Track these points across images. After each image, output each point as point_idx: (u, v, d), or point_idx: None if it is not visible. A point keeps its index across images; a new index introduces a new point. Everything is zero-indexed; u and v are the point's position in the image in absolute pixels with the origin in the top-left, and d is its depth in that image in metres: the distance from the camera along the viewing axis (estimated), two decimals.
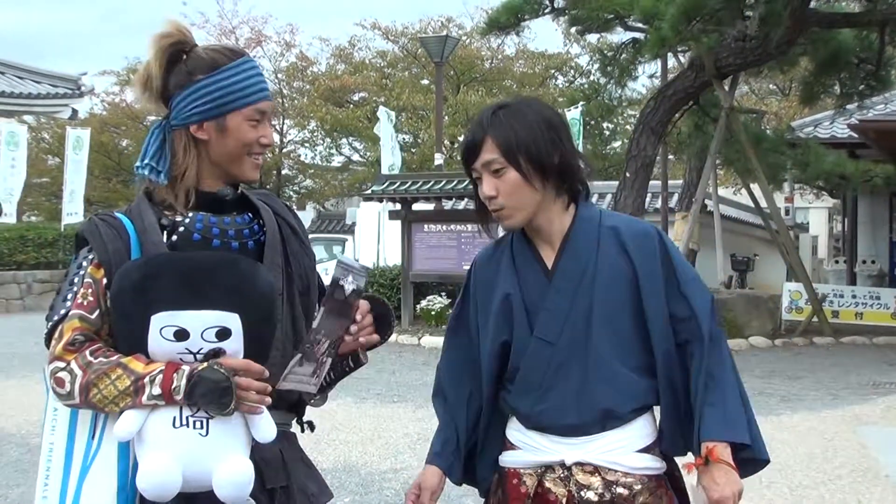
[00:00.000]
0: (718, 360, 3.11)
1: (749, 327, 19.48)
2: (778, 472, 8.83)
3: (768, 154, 21.56)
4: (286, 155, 46.79)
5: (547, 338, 3.14)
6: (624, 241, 3.15)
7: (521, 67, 45.70)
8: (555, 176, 3.12)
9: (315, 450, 9.18)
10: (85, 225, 2.87)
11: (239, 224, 2.94)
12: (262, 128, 2.92)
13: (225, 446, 2.66)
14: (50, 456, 2.78)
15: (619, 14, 19.00)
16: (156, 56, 2.87)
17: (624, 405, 3.13)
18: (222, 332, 2.67)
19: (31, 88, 29.84)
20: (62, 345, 2.70)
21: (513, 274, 3.23)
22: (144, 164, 2.86)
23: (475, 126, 3.17)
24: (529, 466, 3.22)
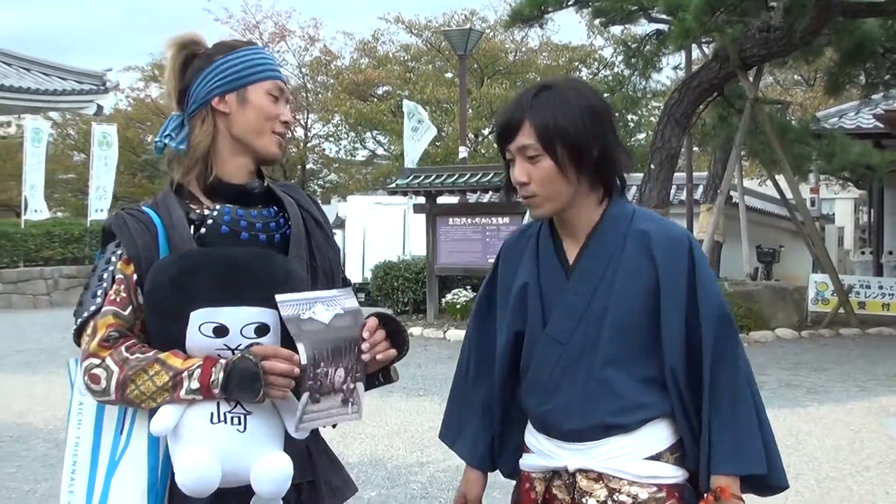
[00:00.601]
0: (730, 378, 2.96)
1: (775, 319, 19.40)
2: (805, 464, 8.82)
3: (793, 145, 21.47)
4: (310, 149, 46.84)
5: (558, 337, 3.03)
6: (652, 246, 2.98)
7: (545, 60, 45.58)
8: (592, 169, 2.96)
9: (341, 444, 9.20)
10: (112, 219, 2.87)
11: (265, 217, 2.94)
12: (280, 105, 2.96)
13: (262, 442, 2.67)
14: (76, 451, 2.78)
15: (642, 5, 18.95)
16: (171, 58, 2.97)
17: (626, 417, 2.98)
18: (261, 328, 2.70)
19: (57, 85, 29.92)
20: (97, 341, 2.70)
21: (534, 264, 3.12)
22: (164, 136, 2.93)
23: (514, 105, 3.00)
24: (539, 471, 3.15)
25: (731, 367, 2.96)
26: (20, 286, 27.07)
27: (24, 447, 9.65)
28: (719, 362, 2.94)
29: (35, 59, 30.93)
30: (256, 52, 2.97)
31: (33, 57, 30.96)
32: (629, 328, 2.97)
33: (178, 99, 2.97)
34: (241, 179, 2.95)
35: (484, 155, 41.58)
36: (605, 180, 3.03)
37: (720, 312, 2.97)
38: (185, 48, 2.96)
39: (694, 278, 2.96)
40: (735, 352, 2.99)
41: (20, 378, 13.95)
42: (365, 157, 48.61)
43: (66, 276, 28.04)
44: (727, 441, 2.92)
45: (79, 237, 29.43)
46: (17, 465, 8.95)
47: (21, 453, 9.40)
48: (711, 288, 2.99)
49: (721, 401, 2.94)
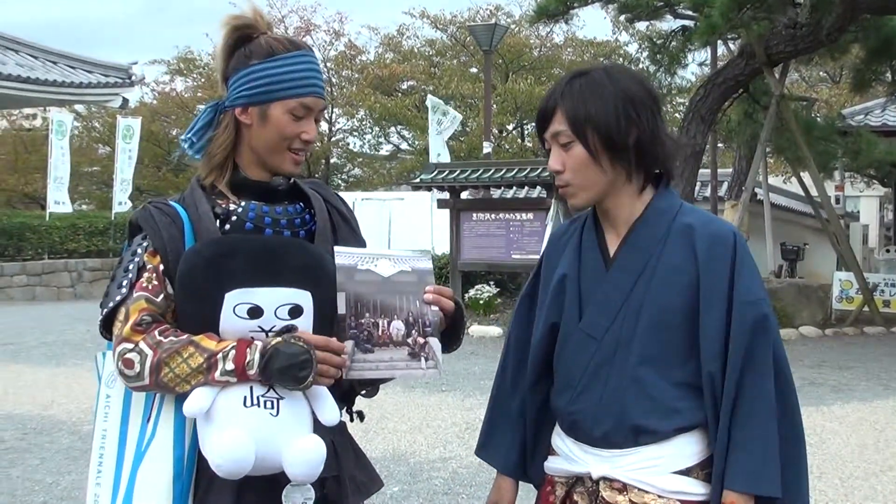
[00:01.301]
0: (758, 389, 2.79)
1: (799, 317, 19.34)
2: (829, 463, 8.79)
3: (819, 142, 21.40)
4: (335, 143, 46.89)
5: (592, 332, 2.91)
6: (695, 241, 2.85)
7: (570, 55, 45.51)
8: (628, 156, 2.87)
9: (364, 439, 9.21)
10: (139, 212, 2.89)
11: (291, 213, 2.95)
12: (305, 123, 2.90)
13: (294, 427, 2.67)
14: (103, 443, 2.79)
15: (668, 2, 18.92)
16: (224, 38, 2.91)
17: (660, 422, 2.84)
18: (295, 309, 2.70)
19: (83, 77, 30.02)
20: (129, 325, 2.70)
21: (576, 255, 3.02)
22: (187, 137, 2.92)
23: (550, 93, 2.96)
24: (563, 475, 3.04)
25: (760, 377, 2.80)
26: (45, 278, 27.22)
27: (47, 439, 9.69)
28: (749, 370, 2.79)
29: (61, 51, 31.05)
30: (294, 63, 2.88)
31: (59, 50, 31.08)
32: (666, 326, 2.85)
33: (223, 79, 2.94)
34: (266, 178, 2.95)
35: (508, 150, 41.58)
36: (645, 169, 2.95)
37: (756, 314, 2.81)
38: (237, 30, 2.91)
39: (734, 279, 2.82)
40: (767, 360, 2.81)
41: (44, 370, 14.00)
42: (389, 151, 48.68)
43: (91, 268, 28.18)
44: (744, 456, 2.77)
45: (103, 230, 29.58)
46: (41, 457, 8.98)
47: (45, 445, 9.43)
48: (750, 287, 2.83)
49: (744, 412, 2.78)
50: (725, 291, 2.81)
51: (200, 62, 44.54)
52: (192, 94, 45.79)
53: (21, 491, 7.97)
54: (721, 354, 2.80)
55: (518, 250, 19.33)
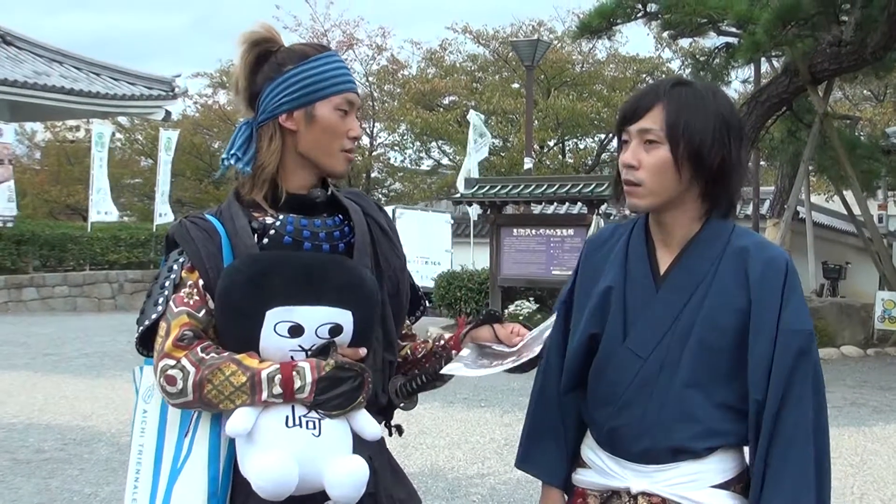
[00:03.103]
0: (796, 422, 2.78)
1: (841, 336, 19.21)
2: (871, 484, 8.71)
3: (862, 161, 21.27)
4: (376, 158, 46.99)
5: (638, 351, 2.89)
6: (748, 266, 2.84)
7: (612, 72, 45.46)
8: (706, 176, 2.85)
9: (402, 454, 9.19)
10: (175, 227, 2.86)
11: (329, 226, 2.91)
12: (350, 119, 2.90)
13: (335, 447, 2.65)
14: (139, 458, 2.78)
15: (712, 18, 18.81)
16: (243, 55, 2.89)
17: (698, 442, 2.85)
18: (335, 328, 2.69)
19: (126, 90, 30.28)
20: (171, 341, 2.68)
21: (621, 267, 2.98)
22: (231, 153, 2.87)
23: (649, 90, 2.92)
24: (596, 489, 3.02)
25: (799, 406, 2.80)
26: (86, 289, 27.37)
27: (87, 450, 9.72)
28: (789, 398, 2.79)
29: (105, 63, 31.34)
30: (328, 62, 2.89)
31: (103, 62, 31.38)
32: (715, 349, 2.84)
33: (247, 100, 2.93)
34: (305, 190, 2.92)
35: (549, 166, 41.54)
36: (716, 194, 2.91)
37: (801, 344, 2.81)
38: (256, 45, 2.90)
39: (781, 303, 2.81)
40: (807, 389, 2.81)
41: (85, 381, 14.08)
42: (430, 166, 48.71)
43: (132, 280, 28.33)
44: (780, 486, 2.78)
45: (144, 241, 29.75)
46: (81, 467, 9.01)
47: (84, 456, 9.46)
48: (798, 316, 2.83)
49: (783, 440, 2.78)
50: (775, 318, 2.80)
51: None
52: (234, 107, 45.87)
53: (60, 501, 7.99)
54: (766, 383, 2.79)
55: (558, 266, 19.30)
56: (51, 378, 14.33)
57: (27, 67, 28.72)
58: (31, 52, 30.13)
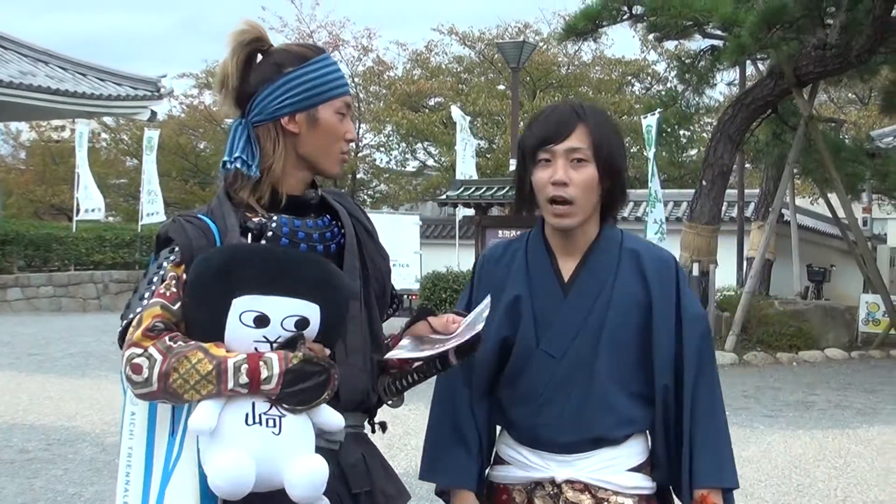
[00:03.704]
0: (710, 395, 3.15)
1: (825, 339, 19.27)
2: (854, 486, 8.74)
3: (847, 164, 21.32)
4: (361, 159, 46.97)
5: (552, 352, 3.10)
6: (644, 267, 3.14)
7: (598, 74, 45.53)
8: (613, 190, 3.12)
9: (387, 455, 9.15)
10: (169, 225, 2.84)
11: (321, 227, 2.93)
12: (346, 122, 2.93)
13: (296, 445, 2.63)
14: (129, 462, 2.75)
15: (697, 21, 18.85)
16: (233, 54, 2.87)
17: (618, 430, 3.11)
18: (302, 321, 2.65)
19: (112, 90, 30.23)
20: (141, 330, 2.63)
21: (525, 278, 3.17)
22: (235, 157, 2.84)
23: (566, 111, 3.09)
24: (519, 483, 3.18)
25: (710, 385, 3.16)
26: (71, 289, 27.32)
27: (71, 450, 9.70)
28: (701, 380, 3.13)
29: (91, 64, 31.28)
30: (327, 65, 2.91)
31: (89, 62, 31.32)
32: (624, 344, 3.10)
33: (236, 100, 2.91)
34: (299, 191, 2.93)
35: None
36: (613, 205, 3.18)
37: (703, 328, 3.17)
38: (248, 44, 2.88)
39: (680, 298, 3.14)
40: (713, 370, 3.20)
41: (69, 381, 14.05)
42: (415, 168, 48.69)
43: (117, 280, 28.29)
44: (711, 457, 3.11)
45: (129, 242, 29.72)
46: (65, 468, 9.00)
47: (69, 456, 9.45)
48: (695, 307, 3.20)
49: (703, 416, 3.12)
50: (674, 309, 3.13)
51: None
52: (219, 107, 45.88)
53: (44, 501, 7.98)
54: (672, 369, 3.12)
55: None
56: (35, 378, 14.30)
57: (13, 67, 28.64)
58: (16, 52, 30.04)
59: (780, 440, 10.71)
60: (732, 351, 17.90)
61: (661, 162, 37.36)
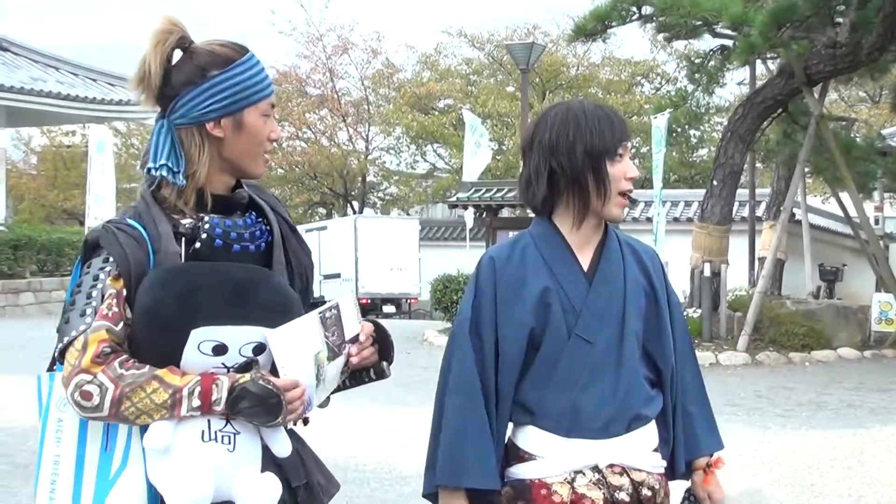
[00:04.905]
0: (695, 371, 3.44)
1: (837, 338, 19.21)
2: (867, 486, 8.71)
3: (858, 162, 21.27)
4: (371, 162, 47.01)
5: (588, 336, 3.18)
6: (641, 257, 3.34)
7: (607, 74, 45.53)
8: None
9: (398, 456, 9.21)
10: (99, 233, 2.79)
11: (249, 226, 2.90)
12: (270, 122, 2.90)
13: (247, 461, 2.70)
14: (56, 469, 2.72)
15: (707, 21, 18.84)
16: (155, 52, 2.81)
17: (649, 409, 3.25)
18: (258, 347, 2.69)
19: (122, 95, 30.28)
20: (89, 357, 2.62)
21: (546, 271, 3.24)
22: (160, 164, 2.78)
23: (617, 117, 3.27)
24: (558, 475, 3.15)
25: (694, 362, 3.46)
26: None
27: None
28: (689, 360, 3.42)
29: (101, 69, 31.38)
30: (251, 66, 2.86)
31: (99, 67, 31.41)
32: (637, 330, 3.26)
33: (157, 97, 2.86)
34: (224, 192, 2.91)
35: None
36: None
37: (681, 315, 3.45)
38: (170, 43, 2.83)
39: (667, 287, 3.38)
40: (694, 350, 3.49)
41: None
42: (425, 170, 48.73)
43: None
44: (707, 426, 3.39)
45: None
46: None
47: None
48: (674, 295, 3.44)
49: (695, 392, 3.40)
50: (666, 296, 3.35)
51: None
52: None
53: None
54: (673, 349, 3.33)
55: None
56: None
57: (23, 73, 28.74)
58: (27, 58, 30.15)
59: (793, 440, 10.67)
60: (745, 351, 17.84)
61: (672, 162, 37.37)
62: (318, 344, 2.78)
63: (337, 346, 2.86)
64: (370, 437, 10.18)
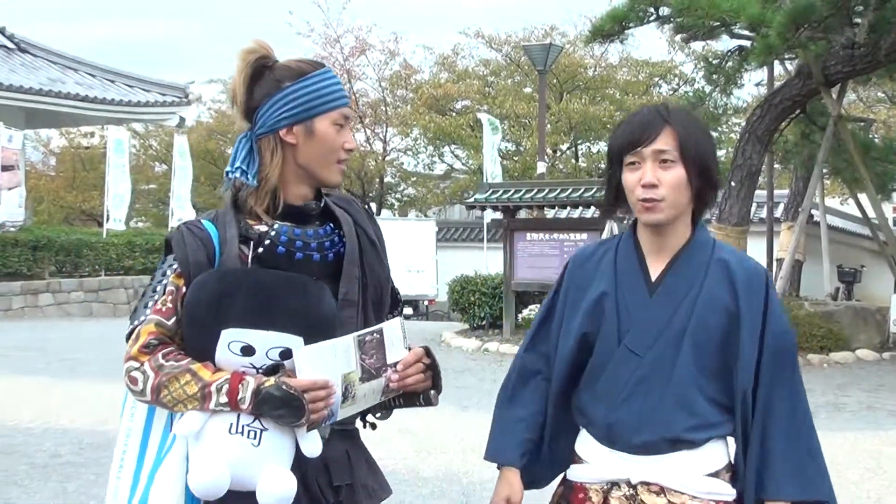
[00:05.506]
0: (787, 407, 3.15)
1: (856, 340, 19.15)
2: (885, 489, 8.70)
3: (877, 163, 21.21)
4: (389, 163, 47.01)
5: (636, 349, 3.15)
6: (733, 276, 3.16)
7: (625, 75, 45.44)
8: (705, 190, 3.19)
9: (416, 458, 9.22)
10: (174, 233, 3.07)
11: (321, 236, 3.09)
12: (345, 132, 3.08)
13: (272, 457, 2.86)
14: (127, 440, 3.02)
15: (725, 21, 18.78)
16: (240, 70, 3.05)
17: (695, 433, 3.13)
18: (285, 352, 2.87)
19: (140, 97, 30.45)
20: (138, 347, 2.96)
21: (612, 275, 3.24)
22: (235, 167, 3.04)
23: (652, 114, 3.18)
24: (596, 482, 3.21)
25: (791, 395, 3.16)
26: (101, 295, 27.49)
27: (104, 454, 9.73)
28: (777, 389, 3.14)
29: (119, 70, 31.53)
30: (324, 79, 3.06)
31: (117, 69, 31.58)
32: (706, 349, 3.12)
33: (244, 113, 3.08)
34: (300, 200, 3.09)
35: (562, 170, 41.52)
36: (704, 205, 3.25)
37: (785, 345, 3.18)
38: (255, 61, 3.05)
39: (766, 311, 3.15)
40: (794, 378, 3.19)
41: (100, 385, 14.08)
42: (443, 171, 48.70)
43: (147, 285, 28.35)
44: (791, 468, 3.11)
45: (159, 247, 29.73)
46: (97, 472, 9.04)
47: (100, 461, 9.48)
48: (781, 323, 3.19)
49: (783, 427, 3.13)
50: (760, 322, 3.14)
51: None
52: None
53: None
54: (753, 377, 3.12)
55: None
56: (67, 383, 14.41)
57: (42, 75, 28.89)
58: (46, 60, 30.31)
59: None
60: None
61: None
62: (350, 364, 2.91)
63: (375, 369, 2.98)
64: (387, 438, 10.18)
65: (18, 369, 15.68)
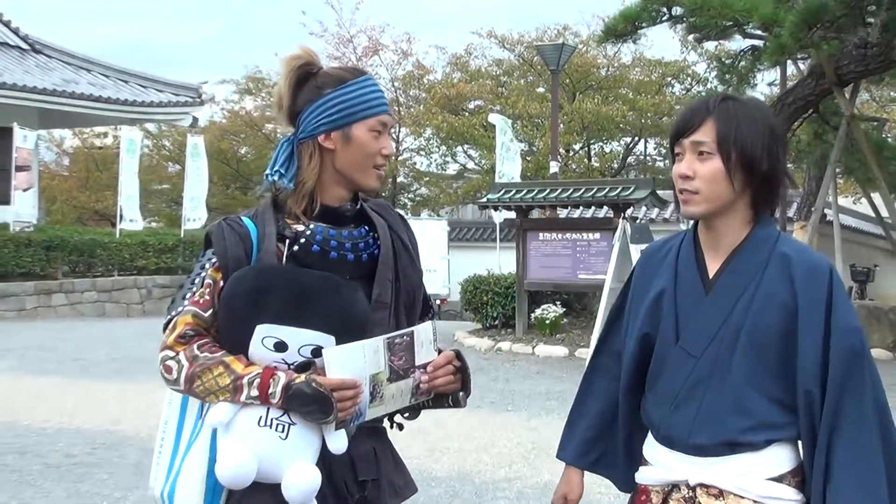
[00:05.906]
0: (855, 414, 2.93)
1: (869, 339, 18.76)
2: None
3: (890, 163, 21.15)
4: (402, 163, 47.01)
5: (690, 350, 3.09)
6: (793, 271, 3.02)
7: (638, 75, 45.33)
8: (756, 183, 3.07)
9: (430, 458, 9.22)
10: (213, 227, 3.14)
11: (356, 237, 3.17)
12: (383, 139, 3.16)
13: (299, 452, 2.92)
14: (165, 427, 3.15)
15: (737, 21, 18.75)
16: (285, 76, 3.14)
17: (754, 435, 3.01)
18: (317, 350, 2.93)
19: (154, 97, 30.51)
20: (174, 336, 3.01)
21: (672, 273, 3.20)
22: (274, 170, 3.13)
23: (700, 105, 3.13)
24: (657, 484, 3.18)
25: (860, 402, 2.95)
26: (114, 295, 27.52)
27: (116, 454, 9.78)
28: (848, 394, 2.94)
29: (132, 71, 31.61)
30: (364, 87, 3.15)
31: (131, 69, 31.65)
32: (764, 347, 3.01)
33: (289, 117, 3.17)
34: (336, 203, 3.18)
35: (575, 170, 41.46)
36: (763, 200, 3.12)
37: (851, 343, 2.97)
38: (298, 68, 3.14)
39: (831, 307, 2.98)
40: (865, 385, 2.96)
41: (114, 385, 14.15)
42: (456, 171, 48.69)
43: (160, 285, 28.47)
44: (851, 478, 2.90)
45: (172, 247, 29.87)
46: (110, 472, 9.07)
47: (113, 460, 9.53)
48: (846, 318, 3.00)
49: (847, 435, 2.93)
50: (823, 318, 2.97)
51: (269, 82, 44.81)
52: (260, 112, 46.17)
53: None
54: (817, 376, 2.95)
55: (584, 270, 19.27)
56: (80, 383, 14.44)
57: (56, 75, 28.96)
58: (59, 61, 30.39)
59: None
60: None
61: None
62: (379, 365, 2.97)
63: (403, 370, 3.05)
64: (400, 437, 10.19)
65: (32, 369, 15.72)
